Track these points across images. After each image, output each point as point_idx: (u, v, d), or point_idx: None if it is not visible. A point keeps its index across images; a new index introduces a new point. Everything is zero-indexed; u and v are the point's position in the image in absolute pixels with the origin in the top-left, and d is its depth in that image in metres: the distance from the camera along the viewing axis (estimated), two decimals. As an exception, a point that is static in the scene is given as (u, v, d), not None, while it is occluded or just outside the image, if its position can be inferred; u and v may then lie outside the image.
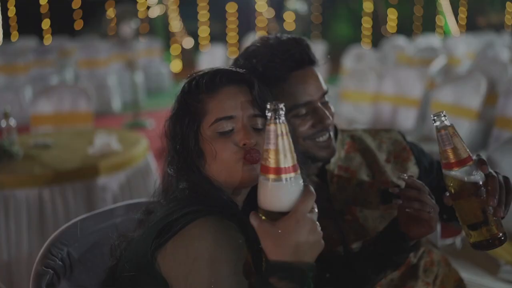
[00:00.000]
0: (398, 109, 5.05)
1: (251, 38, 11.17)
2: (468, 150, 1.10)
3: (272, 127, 0.88)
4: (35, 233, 2.58)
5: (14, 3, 11.34)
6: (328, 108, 1.37)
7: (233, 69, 1.17)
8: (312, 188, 0.92)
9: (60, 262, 1.28)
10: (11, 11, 11.39)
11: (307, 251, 0.89)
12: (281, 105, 0.89)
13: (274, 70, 1.29)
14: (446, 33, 13.33)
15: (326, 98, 1.38)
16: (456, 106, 4.38)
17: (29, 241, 2.57)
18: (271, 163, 0.87)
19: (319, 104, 1.34)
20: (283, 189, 0.88)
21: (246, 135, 1.08)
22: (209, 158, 1.09)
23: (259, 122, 1.11)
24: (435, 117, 1.10)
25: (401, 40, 9.50)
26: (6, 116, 2.93)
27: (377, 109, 5.23)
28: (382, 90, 5.20)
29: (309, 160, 1.37)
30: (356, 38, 13.28)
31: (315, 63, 1.36)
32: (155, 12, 12.80)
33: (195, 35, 13.16)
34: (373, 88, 5.28)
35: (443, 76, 6.17)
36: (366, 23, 13.97)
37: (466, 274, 2.33)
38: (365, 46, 11.56)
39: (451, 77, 5.12)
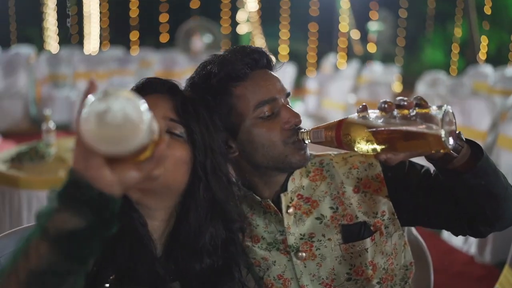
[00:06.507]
0: (462, 141, 4.69)
1: (331, 58, 11.06)
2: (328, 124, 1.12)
3: None
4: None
5: (108, 16, 12.10)
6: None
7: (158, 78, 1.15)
8: None
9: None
10: (104, 23, 12.16)
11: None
12: None
13: (234, 68, 1.22)
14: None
15: (290, 102, 1.28)
16: (524, 142, 3.99)
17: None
18: None
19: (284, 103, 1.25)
20: None
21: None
22: None
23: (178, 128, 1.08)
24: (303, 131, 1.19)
25: (487, 68, 8.91)
26: (46, 119, 3.09)
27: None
28: (447, 119, 4.86)
29: (274, 173, 1.26)
30: (445, 65, 12.70)
31: (272, 67, 1.29)
32: (243, 29, 13.09)
33: (275, 53, 13.29)
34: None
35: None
36: (456, 49, 13.29)
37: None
38: (454, 73, 10.98)
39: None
